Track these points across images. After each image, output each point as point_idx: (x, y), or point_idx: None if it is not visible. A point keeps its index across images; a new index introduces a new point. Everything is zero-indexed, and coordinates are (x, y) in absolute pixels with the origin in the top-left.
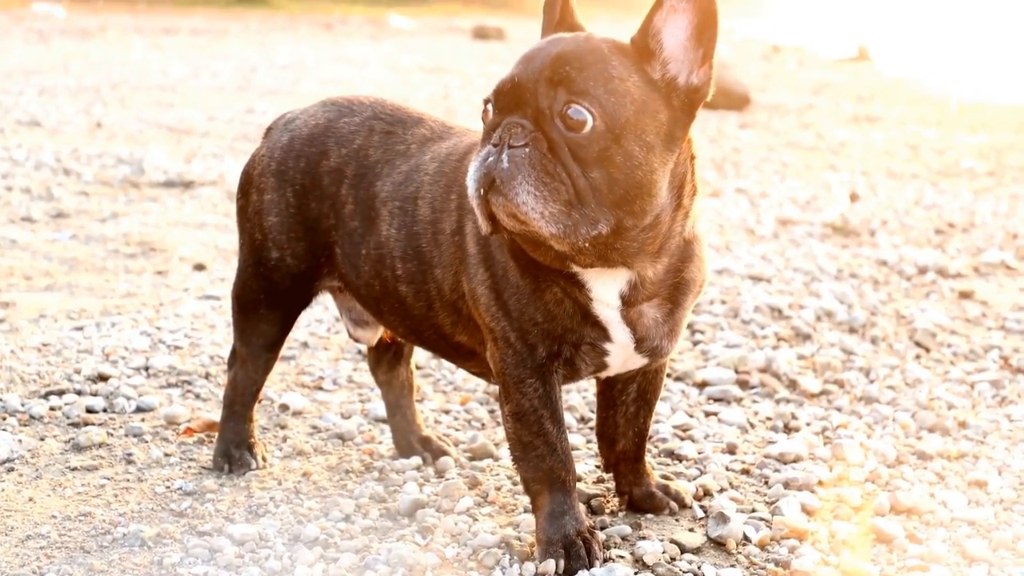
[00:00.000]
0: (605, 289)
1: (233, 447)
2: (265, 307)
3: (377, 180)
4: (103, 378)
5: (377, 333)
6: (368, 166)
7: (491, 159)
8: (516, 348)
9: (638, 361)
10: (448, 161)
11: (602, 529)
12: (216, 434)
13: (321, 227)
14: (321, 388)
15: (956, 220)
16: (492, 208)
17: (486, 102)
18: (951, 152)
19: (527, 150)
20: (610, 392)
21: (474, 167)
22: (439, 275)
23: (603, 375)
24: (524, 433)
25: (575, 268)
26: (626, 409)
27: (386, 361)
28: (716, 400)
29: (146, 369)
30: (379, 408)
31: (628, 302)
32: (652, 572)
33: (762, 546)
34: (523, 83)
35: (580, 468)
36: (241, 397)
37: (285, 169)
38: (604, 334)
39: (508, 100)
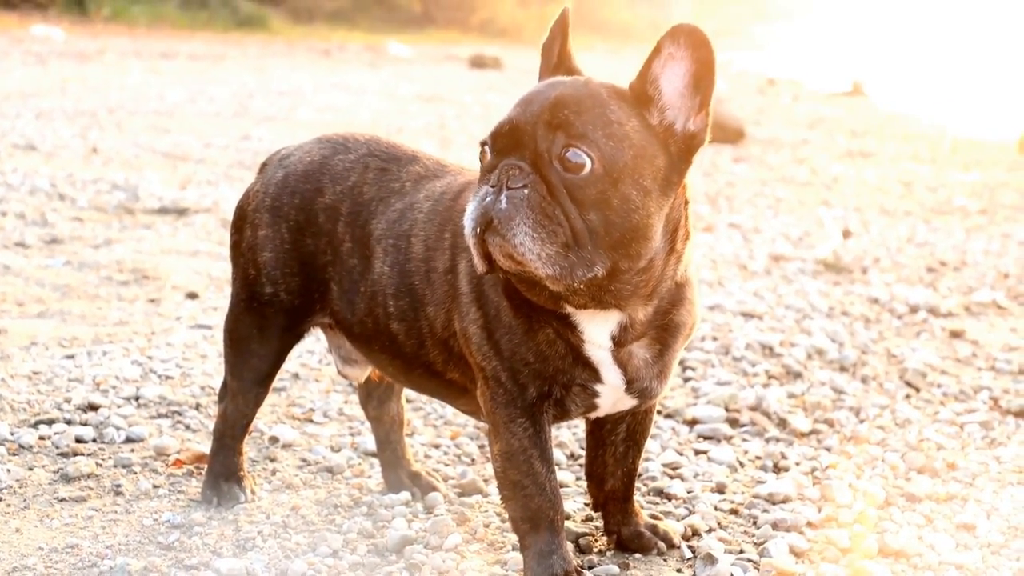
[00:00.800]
0: (597, 330)
1: (222, 480)
2: (257, 342)
3: (372, 218)
4: (93, 408)
5: (366, 371)
6: (363, 203)
7: (489, 199)
8: (507, 387)
9: (628, 402)
10: (442, 200)
11: (590, 568)
12: (205, 466)
13: (317, 263)
14: (311, 421)
15: (948, 258)
16: (488, 248)
17: (483, 144)
18: (944, 189)
19: (525, 192)
20: (599, 432)
21: (472, 207)
22: (431, 313)
23: (593, 415)
24: (513, 472)
25: (568, 309)
26: (615, 449)
27: (376, 396)
28: (706, 438)
29: (136, 399)
30: (369, 442)
31: (619, 343)
32: None
33: None
34: (521, 126)
35: (569, 506)
36: (231, 430)
37: (280, 205)
38: (595, 375)
39: (506, 142)
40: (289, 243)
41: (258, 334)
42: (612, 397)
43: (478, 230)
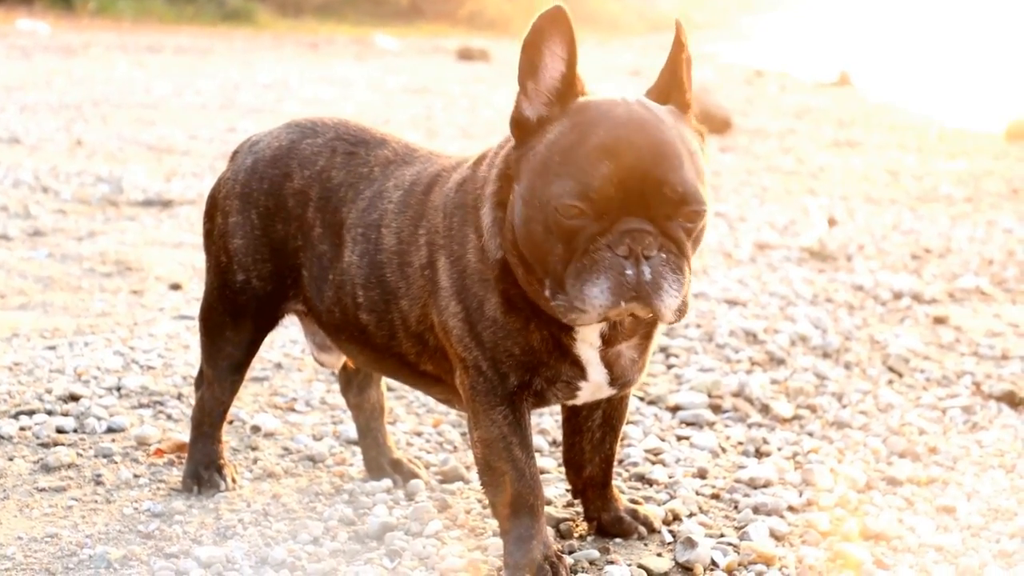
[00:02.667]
0: (590, 329)
1: (202, 468)
2: (231, 330)
3: (342, 205)
4: (74, 398)
5: (341, 358)
6: (332, 188)
7: (630, 273)
8: (487, 376)
9: (607, 392)
10: (413, 192)
11: (570, 553)
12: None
13: (288, 248)
14: (294, 410)
15: (933, 246)
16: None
17: (576, 203)
18: (930, 178)
19: (663, 256)
20: (576, 419)
21: (607, 282)
22: (405, 306)
23: (570, 404)
24: (493, 459)
25: None
26: (592, 435)
27: (356, 384)
28: (688, 424)
29: (118, 389)
30: (351, 430)
31: (608, 341)
32: None
33: (729, 571)
34: (631, 185)
35: (550, 492)
36: (209, 418)
37: (249, 191)
38: (581, 373)
39: (617, 205)
40: (259, 229)
41: (232, 322)
42: (593, 390)
43: (622, 303)
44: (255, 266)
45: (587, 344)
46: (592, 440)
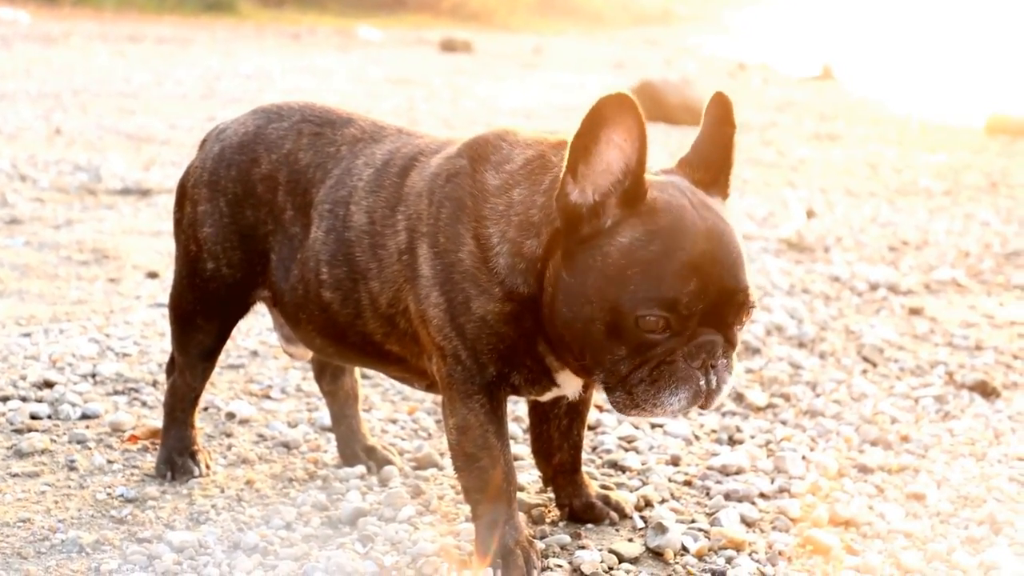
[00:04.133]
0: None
1: (176, 454)
2: (201, 317)
3: (311, 186)
4: (49, 384)
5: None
6: (300, 170)
7: (702, 384)
8: (466, 365)
9: (577, 394)
10: (386, 171)
11: (541, 538)
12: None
13: (258, 234)
14: (269, 397)
15: (910, 238)
16: None
17: (662, 317)
18: (909, 171)
19: (724, 361)
20: (542, 407)
21: (685, 393)
22: (375, 287)
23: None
24: (468, 445)
25: None
26: (559, 422)
27: (330, 371)
28: None
29: (93, 376)
30: (326, 417)
31: None
32: None
33: (700, 556)
34: (714, 300)
35: (523, 478)
36: (181, 404)
37: (217, 179)
38: (556, 385)
39: (698, 319)
40: (228, 216)
41: (202, 309)
42: (564, 393)
43: (688, 405)
44: (224, 254)
45: (568, 371)
46: (560, 427)
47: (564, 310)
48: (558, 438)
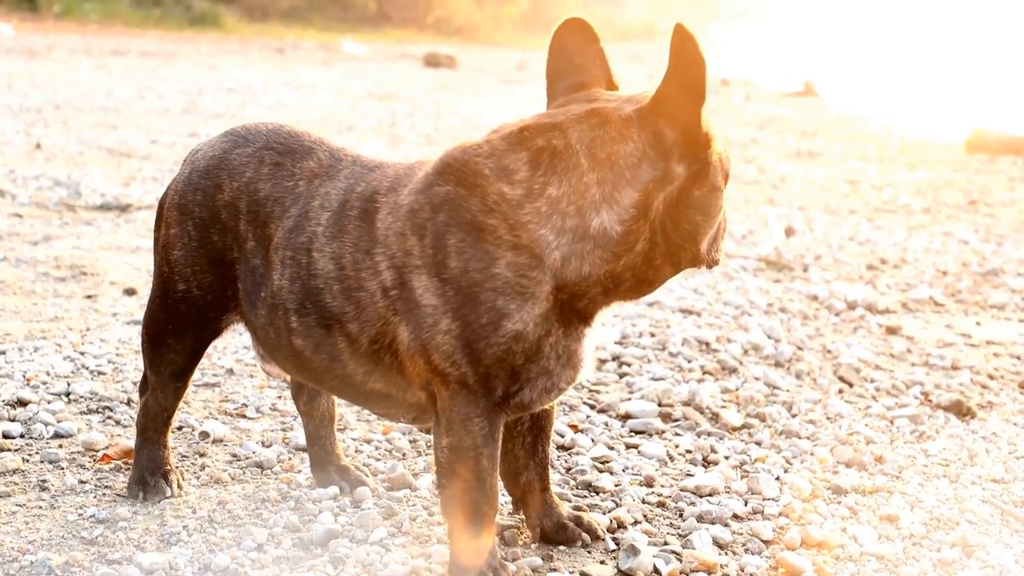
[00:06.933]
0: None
1: (148, 474)
2: (173, 338)
3: (270, 221)
4: (22, 403)
5: None
6: (259, 202)
7: None
8: (472, 389)
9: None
10: (346, 216)
11: (513, 561)
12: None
13: (225, 260)
14: (244, 416)
15: (889, 256)
16: None
17: None
18: (889, 189)
19: None
20: (505, 427)
21: None
22: (354, 329)
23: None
24: (459, 466)
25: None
26: (523, 440)
27: (307, 391)
28: (638, 433)
29: (67, 395)
30: (301, 437)
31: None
32: None
33: None
34: None
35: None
36: (153, 423)
37: (186, 203)
38: (575, 372)
39: None
40: (196, 240)
41: (174, 330)
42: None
43: None
44: (195, 277)
45: (588, 332)
46: (524, 444)
47: (685, 225)
48: (524, 456)
